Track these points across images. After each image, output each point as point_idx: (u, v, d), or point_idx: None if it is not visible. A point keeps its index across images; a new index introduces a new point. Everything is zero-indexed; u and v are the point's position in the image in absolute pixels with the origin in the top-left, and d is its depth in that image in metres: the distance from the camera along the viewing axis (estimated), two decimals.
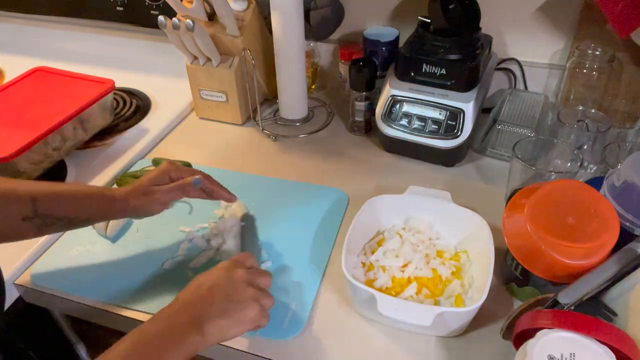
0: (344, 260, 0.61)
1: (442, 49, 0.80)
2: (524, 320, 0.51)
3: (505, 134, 0.86)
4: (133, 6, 1.15)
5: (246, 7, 0.91)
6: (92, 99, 0.86)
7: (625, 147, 0.73)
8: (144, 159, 0.91)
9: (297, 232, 0.74)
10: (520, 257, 0.60)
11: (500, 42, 0.96)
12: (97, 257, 0.72)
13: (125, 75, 1.12)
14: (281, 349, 0.60)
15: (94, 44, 1.28)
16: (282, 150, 0.93)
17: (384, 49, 0.94)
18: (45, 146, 0.81)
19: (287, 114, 0.99)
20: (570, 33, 0.91)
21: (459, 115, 0.81)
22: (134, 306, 0.65)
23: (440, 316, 0.55)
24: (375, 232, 0.71)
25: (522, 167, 0.70)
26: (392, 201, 0.72)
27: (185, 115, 1.04)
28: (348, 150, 0.93)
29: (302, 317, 0.63)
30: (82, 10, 1.22)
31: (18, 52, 1.27)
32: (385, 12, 1.01)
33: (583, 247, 0.55)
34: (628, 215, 0.58)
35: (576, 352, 0.45)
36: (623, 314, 0.52)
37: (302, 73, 0.94)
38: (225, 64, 0.93)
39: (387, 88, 0.86)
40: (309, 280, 0.67)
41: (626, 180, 0.58)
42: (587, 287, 0.53)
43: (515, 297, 0.65)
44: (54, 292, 0.68)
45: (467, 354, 0.59)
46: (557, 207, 0.59)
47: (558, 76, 0.95)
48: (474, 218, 0.67)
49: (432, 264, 0.64)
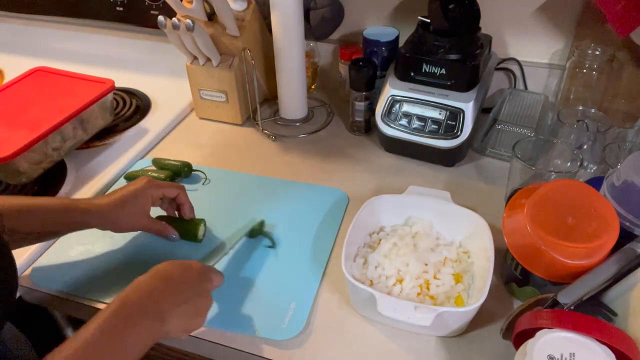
0: (343, 260, 0.61)
1: (442, 49, 0.80)
2: (524, 320, 0.51)
3: (505, 133, 0.86)
4: (133, 6, 1.15)
5: (246, 7, 0.91)
6: (92, 99, 0.86)
7: (625, 147, 0.73)
8: (144, 159, 0.91)
9: (297, 232, 0.74)
10: (520, 257, 0.60)
11: (500, 42, 0.96)
12: (97, 256, 0.72)
13: (125, 75, 1.12)
14: (281, 349, 0.60)
15: (94, 44, 1.28)
16: (282, 150, 0.93)
17: (383, 49, 0.94)
18: (45, 146, 0.81)
19: (287, 114, 0.99)
20: (570, 33, 0.91)
21: (458, 115, 0.81)
22: None
23: (440, 316, 0.55)
24: (375, 232, 0.71)
25: (522, 167, 0.70)
26: (392, 201, 0.72)
27: (185, 115, 1.04)
28: (348, 150, 0.93)
29: (302, 317, 0.63)
30: (82, 10, 1.22)
31: (18, 52, 1.27)
32: (385, 12, 1.01)
33: (583, 247, 0.55)
34: (628, 215, 0.58)
35: (576, 352, 0.45)
36: (623, 314, 0.52)
37: (302, 73, 0.94)
38: (225, 64, 0.93)
39: (387, 88, 0.86)
40: (308, 280, 0.67)
41: (626, 180, 0.58)
42: (587, 287, 0.53)
43: (515, 297, 0.65)
44: (53, 292, 0.68)
45: (467, 354, 0.59)
46: (557, 207, 0.59)
47: (558, 76, 0.95)
48: (473, 218, 0.67)
49: (432, 263, 0.64)
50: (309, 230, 0.75)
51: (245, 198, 0.81)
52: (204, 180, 0.85)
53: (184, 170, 0.85)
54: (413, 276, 0.63)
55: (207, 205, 0.79)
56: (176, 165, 0.85)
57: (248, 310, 0.64)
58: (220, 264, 0.68)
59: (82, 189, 0.83)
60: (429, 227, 0.70)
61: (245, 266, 0.70)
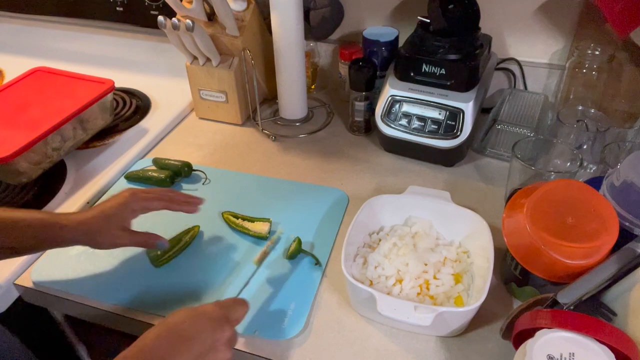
0: (343, 260, 0.61)
1: (441, 49, 0.80)
2: (524, 320, 0.51)
3: (505, 133, 0.86)
4: (133, 6, 1.15)
5: (246, 7, 0.91)
6: (92, 99, 0.86)
7: (625, 147, 0.73)
8: (143, 159, 0.91)
9: (296, 232, 0.74)
10: (519, 257, 0.60)
11: (500, 42, 0.96)
12: (97, 257, 0.72)
13: (125, 75, 1.13)
14: (281, 349, 0.60)
15: (94, 44, 1.28)
16: (281, 150, 0.93)
17: (383, 49, 0.94)
18: (45, 146, 0.81)
19: (287, 114, 0.99)
20: (569, 33, 0.91)
21: (458, 115, 0.81)
22: (134, 307, 0.65)
23: (440, 316, 0.55)
24: (375, 232, 0.71)
25: (521, 167, 0.70)
26: (391, 201, 0.72)
27: (185, 115, 1.04)
28: (348, 150, 0.93)
29: (301, 317, 0.63)
30: (82, 10, 1.22)
31: (18, 52, 1.27)
32: (385, 12, 1.01)
33: (582, 247, 0.55)
34: (627, 215, 0.58)
35: (575, 351, 0.45)
36: (623, 313, 0.52)
37: (302, 73, 0.94)
38: (225, 64, 0.93)
39: (386, 88, 0.86)
40: (308, 280, 0.67)
41: (625, 180, 0.58)
42: (586, 286, 0.53)
43: (515, 297, 0.65)
44: (53, 293, 0.68)
45: (467, 354, 0.59)
46: (556, 207, 0.59)
47: (558, 76, 0.95)
48: (473, 218, 0.67)
49: (432, 263, 0.64)
50: (309, 230, 0.75)
51: (245, 198, 0.81)
52: (204, 180, 0.85)
53: (184, 170, 0.85)
54: (413, 276, 0.63)
55: (207, 205, 0.79)
56: (176, 165, 0.85)
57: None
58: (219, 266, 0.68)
59: (82, 189, 0.83)
60: (428, 227, 0.70)
61: (244, 266, 0.70)
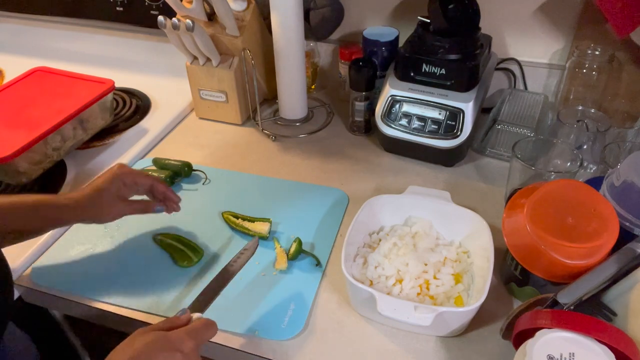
0: (343, 260, 0.61)
1: (441, 49, 0.80)
2: (524, 320, 0.51)
3: (505, 133, 0.86)
4: (133, 6, 1.15)
5: (246, 7, 0.91)
6: (92, 99, 0.86)
7: (625, 147, 0.73)
8: (143, 159, 0.91)
9: (296, 232, 0.74)
10: (519, 257, 0.60)
11: (500, 42, 0.96)
12: (97, 256, 0.72)
13: (125, 75, 1.13)
14: (281, 349, 0.60)
15: (94, 44, 1.28)
16: (281, 150, 0.93)
17: (383, 49, 0.94)
18: (45, 146, 0.81)
19: (287, 114, 0.99)
20: (569, 33, 0.91)
21: (458, 115, 0.81)
22: (134, 307, 0.65)
23: (440, 316, 0.55)
24: (375, 232, 0.71)
25: (521, 167, 0.70)
26: (391, 201, 0.72)
27: (185, 115, 1.04)
28: (348, 150, 0.93)
29: (301, 317, 0.63)
30: (82, 10, 1.22)
31: (18, 52, 1.27)
32: (385, 12, 1.01)
33: (583, 247, 0.55)
34: (627, 215, 0.58)
35: (575, 351, 0.45)
36: (623, 313, 0.52)
37: (302, 73, 0.94)
38: (225, 64, 0.93)
39: (386, 88, 0.86)
40: (308, 280, 0.67)
41: (625, 180, 0.58)
42: (586, 287, 0.53)
43: (515, 297, 0.65)
44: (54, 292, 0.68)
45: (467, 354, 0.59)
46: (556, 207, 0.59)
47: (558, 76, 0.95)
48: (473, 218, 0.67)
49: (432, 263, 0.64)
50: (309, 230, 0.75)
51: (245, 198, 0.81)
52: (204, 180, 0.85)
53: (184, 170, 0.85)
54: (413, 276, 0.63)
55: (207, 205, 0.80)
56: (176, 165, 0.85)
57: (247, 310, 0.64)
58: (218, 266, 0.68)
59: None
60: (428, 227, 0.70)
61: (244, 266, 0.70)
